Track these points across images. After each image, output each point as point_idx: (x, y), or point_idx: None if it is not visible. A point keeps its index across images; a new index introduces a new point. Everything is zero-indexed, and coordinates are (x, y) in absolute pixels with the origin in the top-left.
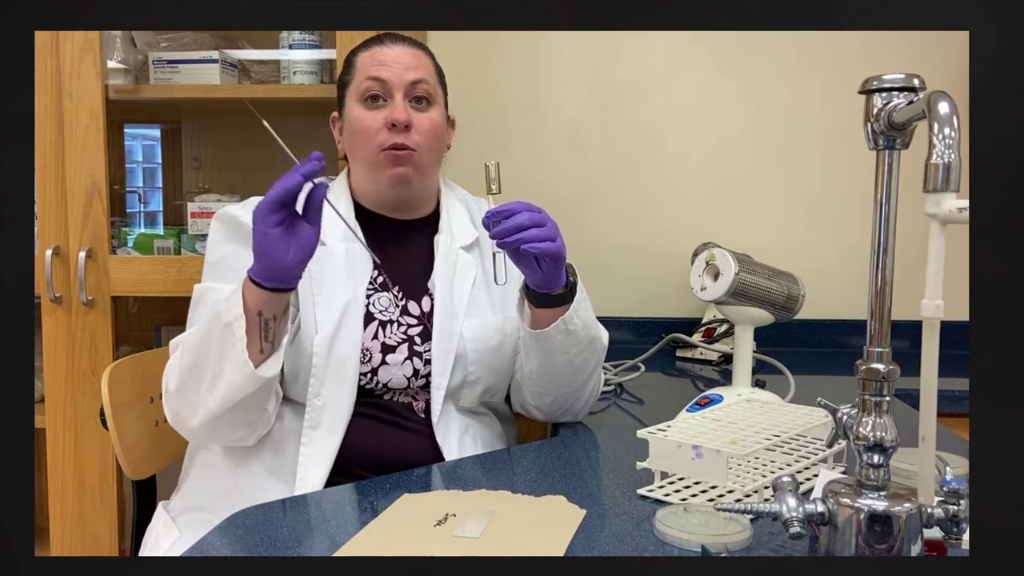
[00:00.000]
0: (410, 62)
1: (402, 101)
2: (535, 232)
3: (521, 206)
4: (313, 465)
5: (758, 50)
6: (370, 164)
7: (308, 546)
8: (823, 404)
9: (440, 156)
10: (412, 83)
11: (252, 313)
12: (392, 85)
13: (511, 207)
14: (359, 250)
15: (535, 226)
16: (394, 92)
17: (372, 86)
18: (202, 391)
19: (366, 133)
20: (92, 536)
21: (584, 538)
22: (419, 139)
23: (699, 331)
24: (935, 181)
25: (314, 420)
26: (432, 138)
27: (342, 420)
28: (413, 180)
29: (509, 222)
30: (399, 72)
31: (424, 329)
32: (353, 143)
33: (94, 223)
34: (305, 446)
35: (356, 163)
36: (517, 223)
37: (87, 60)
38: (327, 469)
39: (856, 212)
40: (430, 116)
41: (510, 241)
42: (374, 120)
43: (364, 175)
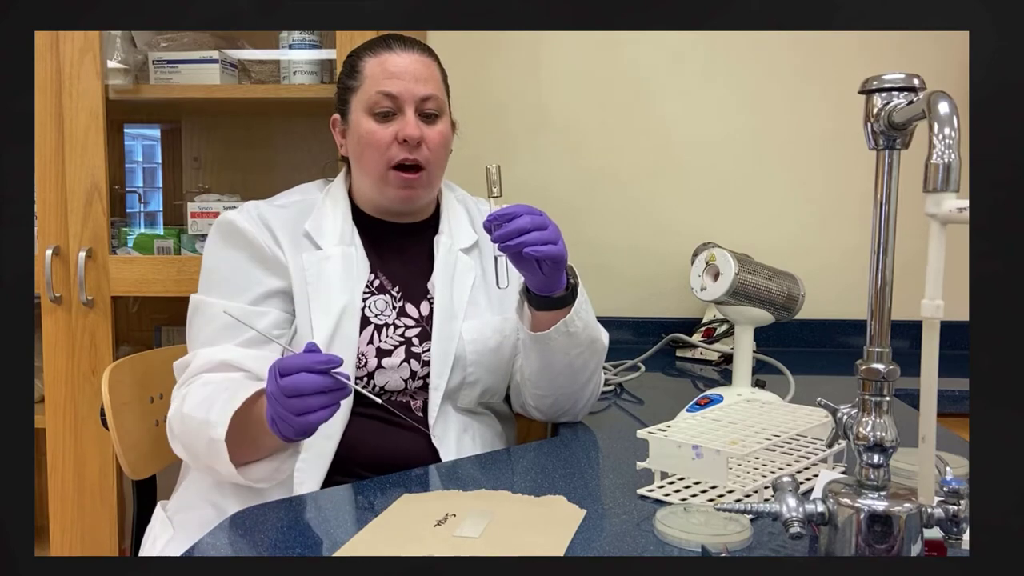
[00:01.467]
0: (420, 73)
1: (413, 116)
2: (537, 235)
3: (522, 209)
4: (310, 470)
5: (758, 50)
6: (379, 178)
7: (308, 546)
8: (823, 404)
9: (445, 166)
10: (423, 99)
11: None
12: (403, 100)
13: (512, 210)
14: (355, 254)
15: (537, 229)
16: (405, 107)
17: (382, 101)
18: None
19: (377, 147)
20: (92, 536)
21: (584, 538)
22: (429, 154)
23: (699, 331)
24: (935, 181)
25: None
26: (441, 152)
27: (338, 425)
28: (421, 197)
29: (511, 225)
30: (410, 87)
31: (423, 330)
32: (362, 155)
33: (94, 223)
34: (303, 451)
35: (362, 174)
36: (519, 226)
37: (87, 60)
38: (323, 474)
39: (856, 212)
40: (439, 129)
41: (512, 245)
42: (385, 134)
43: (370, 187)
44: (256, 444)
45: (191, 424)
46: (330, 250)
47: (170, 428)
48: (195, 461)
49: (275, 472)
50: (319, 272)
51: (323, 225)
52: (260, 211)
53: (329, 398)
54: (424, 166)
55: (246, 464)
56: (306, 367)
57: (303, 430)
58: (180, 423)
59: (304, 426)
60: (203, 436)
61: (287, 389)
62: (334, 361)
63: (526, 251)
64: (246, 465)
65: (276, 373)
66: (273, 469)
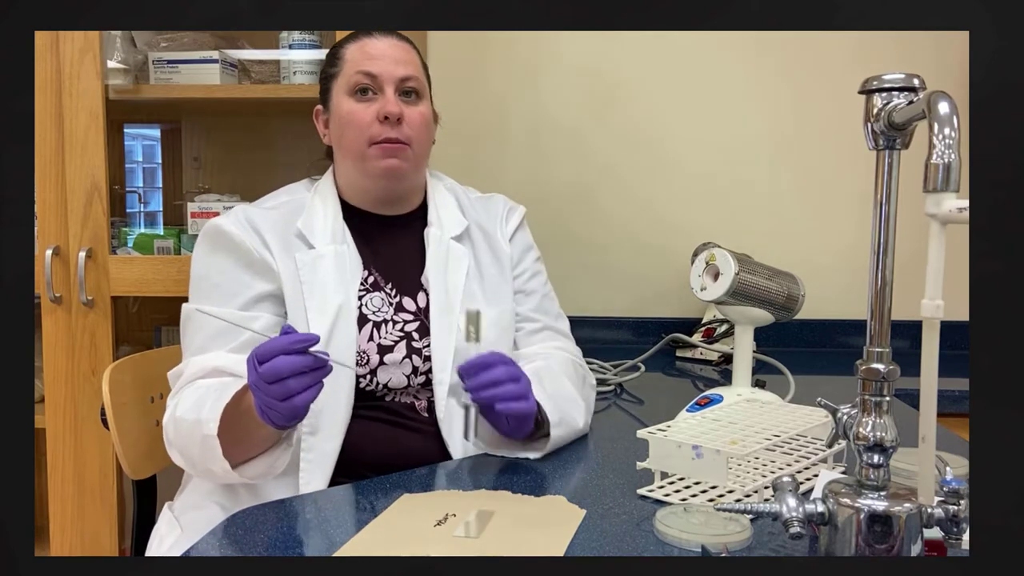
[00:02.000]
0: (399, 56)
1: (393, 95)
2: (510, 389)
3: (497, 358)
4: (315, 470)
5: (758, 50)
6: (360, 156)
7: (308, 546)
8: (823, 404)
9: (429, 150)
10: (402, 79)
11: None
12: (383, 79)
13: (488, 359)
14: (348, 252)
15: (511, 381)
16: (384, 86)
17: (362, 80)
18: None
19: (357, 126)
20: (92, 536)
21: (584, 538)
22: (411, 132)
23: (699, 331)
24: (935, 181)
25: (312, 425)
26: (423, 131)
27: (340, 424)
28: (405, 172)
29: (485, 376)
30: (389, 67)
31: (421, 324)
32: (342, 136)
33: (94, 223)
34: (306, 451)
35: (344, 156)
36: (493, 378)
37: (87, 60)
38: (329, 472)
39: (856, 212)
40: (420, 110)
41: (484, 397)
42: (365, 113)
43: (352, 168)
44: (250, 437)
45: (183, 427)
46: (323, 248)
47: (166, 436)
48: (192, 467)
49: (270, 468)
50: (314, 271)
51: (314, 223)
52: (248, 215)
53: (311, 378)
54: (407, 143)
55: (241, 464)
56: (282, 349)
57: (292, 414)
58: (174, 428)
59: (291, 410)
60: (196, 435)
61: (266, 375)
62: (310, 339)
63: (498, 407)
64: (241, 465)
65: (254, 361)
66: (268, 465)
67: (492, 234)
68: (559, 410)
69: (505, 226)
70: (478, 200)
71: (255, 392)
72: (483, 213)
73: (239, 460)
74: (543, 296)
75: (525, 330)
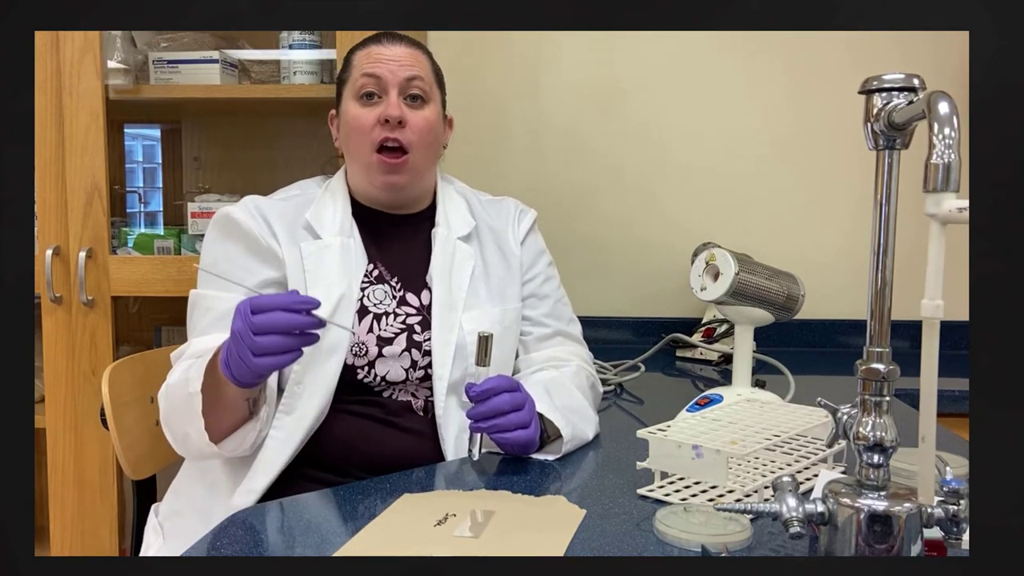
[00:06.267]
0: (406, 60)
1: (396, 98)
2: (513, 418)
3: (504, 385)
4: (278, 447)
5: (758, 50)
6: (364, 165)
7: (308, 546)
8: (823, 404)
9: (435, 155)
10: (407, 80)
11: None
12: (387, 82)
13: (495, 385)
14: (354, 245)
15: (515, 410)
16: (389, 89)
17: (367, 83)
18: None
19: (361, 130)
20: (92, 536)
21: (584, 538)
22: (412, 137)
23: (699, 331)
24: (935, 181)
25: (289, 406)
26: (426, 136)
27: (316, 409)
28: (405, 186)
29: (489, 405)
30: (394, 69)
31: (423, 319)
32: (349, 140)
33: (94, 223)
34: (276, 430)
35: (352, 161)
36: (496, 407)
37: (87, 60)
38: (290, 455)
39: (856, 212)
40: (424, 115)
41: (484, 427)
42: (368, 117)
43: (359, 173)
44: (219, 398)
45: (171, 392)
46: (329, 239)
47: (161, 410)
48: (180, 442)
49: (240, 444)
50: (318, 260)
51: (323, 216)
52: (258, 204)
53: (297, 341)
54: (407, 149)
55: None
56: (283, 305)
57: (257, 372)
58: (165, 399)
59: (259, 368)
60: (182, 395)
61: (258, 326)
62: (312, 302)
63: (495, 437)
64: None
65: (248, 310)
66: (239, 441)
67: (502, 234)
68: (570, 424)
69: (517, 227)
70: (489, 202)
71: (233, 340)
72: (493, 214)
73: (213, 432)
74: (556, 301)
75: (537, 335)
